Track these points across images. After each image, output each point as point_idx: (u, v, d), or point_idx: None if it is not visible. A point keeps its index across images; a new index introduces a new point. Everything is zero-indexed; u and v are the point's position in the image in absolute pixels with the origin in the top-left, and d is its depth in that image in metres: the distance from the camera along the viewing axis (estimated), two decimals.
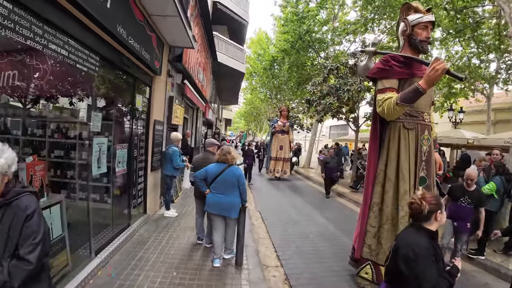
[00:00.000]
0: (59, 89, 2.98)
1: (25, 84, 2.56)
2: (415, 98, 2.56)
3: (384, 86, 2.88)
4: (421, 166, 2.96)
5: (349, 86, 8.52)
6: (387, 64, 2.91)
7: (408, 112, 2.93)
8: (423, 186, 2.92)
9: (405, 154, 2.93)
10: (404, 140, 2.95)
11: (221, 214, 3.18)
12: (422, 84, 2.46)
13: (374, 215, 3.07)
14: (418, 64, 2.93)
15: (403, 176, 2.90)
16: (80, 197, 3.33)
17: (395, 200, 2.94)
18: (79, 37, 2.74)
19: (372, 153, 3.24)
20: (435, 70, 2.35)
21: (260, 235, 4.83)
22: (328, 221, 5.86)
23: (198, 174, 3.24)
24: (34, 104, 2.89)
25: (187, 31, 4.60)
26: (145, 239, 4.14)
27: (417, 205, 1.68)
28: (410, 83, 2.80)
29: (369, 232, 3.09)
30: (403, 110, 2.68)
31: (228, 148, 3.22)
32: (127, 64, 3.68)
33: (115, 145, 3.75)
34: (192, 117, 9.88)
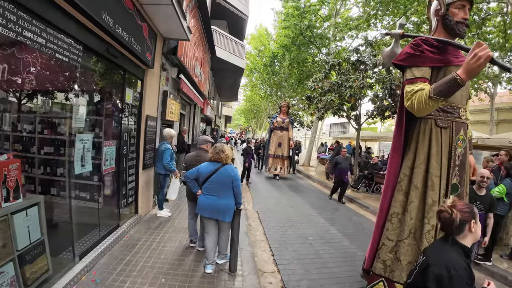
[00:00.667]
0: (36, 81, 2.73)
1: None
2: (452, 91, 2.13)
3: (414, 76, 2.42)
4: (454, 171, 2.52)
5: (351, 83, 8.25)
6: (418, 49, 2.45)
7: (442, 108, 2.50)
8: (455, 194, 2.51)
9: (436, 157, 2.49)
10: (436, 140, 2.50)
11: (214, 218, 2.93)
12: (461, 74, 2.04)
13: (393, 227, 2.63)
14: (455, 50, 2.50)
15: (432, 184, 2.46)
16: (63, 197, 3.09)
17: (420, 211, 2.50)
18: (58, 24, 2.50)
19: (395, 155, 2.76)
20: (477, 57, 1.92)
21: (257, 237, 4.60)
22: (329, 223, 5.64)
23: (189, 173, 3.00)
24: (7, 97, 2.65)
25: (181, 22, 4.34)
26: (134, 241, 3.92)
27: (447, 214, 1.45)
28: (445, 72, 2.38)
29: (385, 246, 2.65)
30: (437, 105, 2.24)
31: (222, 145, 2.97)
32: (114, 54, 3.43)
33: (102, 142, 3.51)
34: (189, 113, 9.63)
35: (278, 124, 11.20)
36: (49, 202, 2.91)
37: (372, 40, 9.53)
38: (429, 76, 2.44)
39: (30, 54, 2.31)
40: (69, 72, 2.84)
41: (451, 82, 2.08)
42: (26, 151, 2.80)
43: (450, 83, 2.08)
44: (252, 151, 9.71)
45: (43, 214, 2.62)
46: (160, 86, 5.20)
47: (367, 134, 17.16)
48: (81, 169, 3.16)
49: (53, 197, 3.02)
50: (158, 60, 4.92)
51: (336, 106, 9.24)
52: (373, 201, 7.58)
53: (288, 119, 11.35)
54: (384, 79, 8.19)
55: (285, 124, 11.20)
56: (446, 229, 1.51)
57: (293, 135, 11.66)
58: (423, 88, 2.29)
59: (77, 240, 3.23)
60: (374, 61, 8.59)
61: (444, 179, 2.48)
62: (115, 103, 3.77)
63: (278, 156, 10.93)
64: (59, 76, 2.81)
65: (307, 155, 16.17)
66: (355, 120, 9.75)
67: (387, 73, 8.37)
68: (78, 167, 3.09)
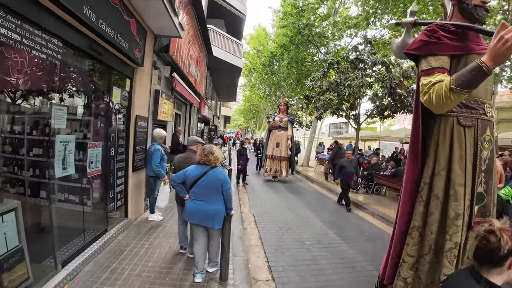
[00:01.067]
0: (13, 79, 2.55)
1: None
2: (476, 81, 1.79)
3: (431, 66, 2.07)
4: (480, 178, 2.14)
5: (350, 81, 8.07)
6: (433, 36, 2.11)
7: (464, 103, 2.14)
8: (480, 205, 2.16)
9: (459, 162, 2.11)
10: (459, 142, 2.13)
11: (202, 224, 2.74)
12: (486, 60, 1.70)
13: (413, 242, 2.30)
14: (476, 36, 2.18)
15: (455, 194, 2.09)
16: (45, 201, 2.91)
17: (442, 225, 2.17)
18: (34, 19, 2.33)
19: (412, 160, 2.36)
20: (505, 41, 1.60)
21: (252, 242, 4.42)
22: (327, 226, 5.46)
23: (175, 177, 2.81)
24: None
25: (171, 18, 4.16)
26: (122, 247, 3.74)
27: (494, 239, 1.13)
28: (466, 62, 2.04)
29: (406, 263, 2.32)
30: (460, 99, 1.88)
31: (211, 147, 2.78)
32: (98, 51, 3.25)
33: (86, 143, 3.33)
34: (185, 113, 9.45)
35: (275, 124, 10.68)
36: (31, 207, 2.73)
37: (372, 38, 9.36)
38: (448, 66, 2.10)
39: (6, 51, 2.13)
40: (48, 69, 2.66)
41: (475, 70, 1.76)
42: (3, 152, 2.63)
43: (474, 72, 1.76)
44: (246, 152, 9.37)
45: (21, 220, 2.46)
46: (151, 85, 5.02)
47: (366, 134, 17.01)
48: (62, 172, 2.98)
49: (34, 202, 2.84)
50: (148, 58, 4.74)
51: (335, 105, 9.07)
52: (373, 202, 7.40)
53: (287, 118, 10.79)
54: (384, 77, 8.01)
55: (283, 123, 10.61)
56: (483, 257, 1.18)
57: (292, 135, 11.05)
58: (442, 80, 1.95)
59: (61, 246, 3.06)
60: (374, 59, 8.43)
61: (469, 187, 2.12)
62: (101, 102, 3.58)
63: (276, 157, 10.42)
64: (37, 74, 2.63)
65: (306, 155, 15.99)
66: (354, 119, 9.57)
67: (387, 71, 8.20)
68: (59, 170, 2.91)
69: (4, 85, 2.28)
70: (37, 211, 2.85)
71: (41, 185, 2.78)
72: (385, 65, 8.26)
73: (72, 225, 3.39)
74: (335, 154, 10.42)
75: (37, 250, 2.74)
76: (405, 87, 7.88)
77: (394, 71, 8.14)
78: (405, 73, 7.82)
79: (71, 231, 3.33)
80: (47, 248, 2.86)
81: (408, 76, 7.84)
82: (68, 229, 3.31)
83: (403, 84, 7.80)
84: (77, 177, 3.28)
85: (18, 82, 2.44)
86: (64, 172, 3.01)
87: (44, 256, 2.83)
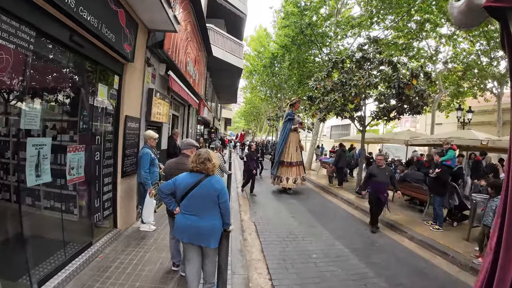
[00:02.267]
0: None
1: None
2: None
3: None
4: None
5: (356, 81, 7.67)
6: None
7: None
8: None
9: None
10: None
11: (196, 243, 2.33)
12: None
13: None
14: None
15: None
16: (19, 212, 2.52)
17: None
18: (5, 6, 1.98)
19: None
20: None
21: (253, 256, 4.01)
22: (333, 236, 5.04)
23: (163, 187, 2.39)
24: None
25: (164, 8, 3.79)
26: (109, 262, 3.34)
27: None
28: None
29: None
30: None
31: (207, 152, 2.36)
32: (80, 43, 2.87)
33: (65, 147, 2.94)
34: (183, 115, 9.07)
35: (303, 125, 9.58)
36: (2, 218, 2.35)
37: (377, 37, 8.99)
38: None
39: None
40: (18, 62, 2.28)
41: None
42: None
43: None
44: (255, 156, 8.46)
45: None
46: (144, 83, 4.64)
47: (369, 137, 16.55)
48: (36, 180, 2.59)
49: (5, 212, 2.45)
50: (141, 54, 4.36)
51: (339, 106, 8.66)
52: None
53: (299, 118, 9.73)
54: (391, 77, 7.62)
55: (298, 124, 9.40)
56: None
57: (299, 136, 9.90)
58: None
59: (37, 263, 2.67)
60: (380, 58, 8.04)
61: None
62: (83, 101, 3.20)
63: (293, 164, 8.82)
64: (4, 66, 2.25)
65: (309, 158, 15.56)
66: (359, 121, 9.16)
67: (394, 71, 7.80)
68: (31, 177, 2.53)
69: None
70: (10, 223, 2.46)
71: (14, 193, 2.39)
72: (391, 64, 7.88)
73: (51, 238, 3.00)
74: (339, 158, 10.01)
75: (9, 267, 2.37)
76: (414, 87, 7.48)
77: (404, 70, 7.74)
78: (414, 72, 7.43)
79: (50, 245, 2.94)
80: (20, 265, 2.48)
81: (417, 75, 7.45)
82: (46, 243, 2.92)
83: (412, 84, 7.40)
84: (56, 185, 2.90)
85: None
86: (38, 180, 2.63)
87: (17, 274, 2.46)
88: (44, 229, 2.93)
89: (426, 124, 20.70)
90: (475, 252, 4.30)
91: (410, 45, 13.06)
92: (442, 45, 13.81)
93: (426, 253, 4.58)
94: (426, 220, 6.00)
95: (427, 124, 19.14)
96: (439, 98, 15.79)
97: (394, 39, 13.20)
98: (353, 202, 7.65)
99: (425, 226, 5.66)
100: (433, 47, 14.24)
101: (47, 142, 2.69)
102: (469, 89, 15.59)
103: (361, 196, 8.25)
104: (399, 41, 13.15)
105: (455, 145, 6.34)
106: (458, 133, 10.13)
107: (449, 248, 4.57)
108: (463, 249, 4.52)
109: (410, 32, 12.44)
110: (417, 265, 4.10)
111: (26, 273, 2.50)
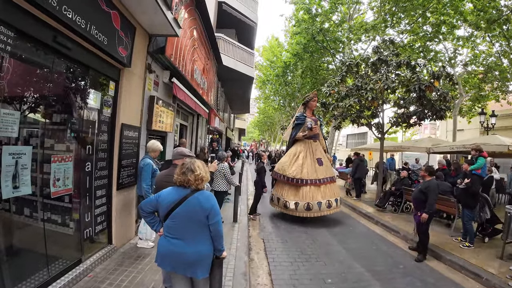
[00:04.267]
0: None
1: None
2: None
3: None
4: None
5: (373, 85, 7.17)
6: None
7: None
8: None
9: None
10: None
11: (180, 273, 1.93)
12: None
13: None
14: None
15: None
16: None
17: None
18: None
19: None
20: None
21: (259, 280, 3.54)
22: (352, 256, 4.48)
23: (144, 204, 2.02)
24: None
25: (162, 10, 3.57)
26: (97, 283, 3.01)
27: None
28: None
29: None
30: None
31: (193, 162, 1.99)
32: (65, 45, 2.66)
33: (49, 156, 2.69)
34: (192, 124, 8.87)
35: (316, 131, 6.64)
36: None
37: (393, 38, 8.50)
38: None
39: None
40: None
41: None
42: None
43: None
44: (264, 170, 6.68)
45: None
46: (144, 90, 4.42)
47: (387, 144, 15.69)
48: (12, 192, 2.33)
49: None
50: (140, 59, 4.16)
51: (355, 112, 8.15)
52: (403, 223, 6.30)
53: (319, 121, 7.12)
54: (410, 79, 7.07)
55: (317, 128, 6.73)
56: None
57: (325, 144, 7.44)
58: None
59: (15, 283, 2.37)
60: (398, 60, 7.52)
61: None
62: (71, 107, 2.97)
63: (320, 182, 6.23)
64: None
65: None
66: (377, 128, 8.56)
67: (413, 73, 7.25)
68: (7, 189, 2.28)
69: None
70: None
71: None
72: (410, 66, 7.34)
73: (34, 255, 2.71)
74: (357, 168, 9.39)
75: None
76: (436, 89, 6.88)
77: (425, 73, 7.18)
78: (436, 74, 6.85)
79: (32, 263, 2.65)
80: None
81: (439, 77, 6.86)
82: (27, 260, 2.64)
83: (434, 86, 6.81)
84: (39, 198, 2.64)
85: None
86: (16, 192, 2.37)
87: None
88: (26, 245, 2.66)
89: (447, 130, 19.61)
90: (511, 272, 3.78)
91: (427, 48, 12.50)
92: (460, 47, 13.13)
93: (456, 276, 3.98)
94: (455, 236, 5.32)
95: (448, 131, 18.08)
96: (460, 103, 14.94)
97: (410, 43, 12.68)
98: (372, 216, 7.00)
99: (454, 243, 4.99)
100: (451, 49, 13.56)
101: (26, 150, 2.44)
102: (491, 92, 14.67)
103: (381, 209, 7.61)
104: (415, 45, 12.62)
105: (486, 152, 5.66)
106: (482, 138, 9.38)
107: (481, 269, 3.98)
108: (497, 270, 3.95)
109: (426, 35, 11.95)
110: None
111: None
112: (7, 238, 2.36)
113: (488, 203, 5.31)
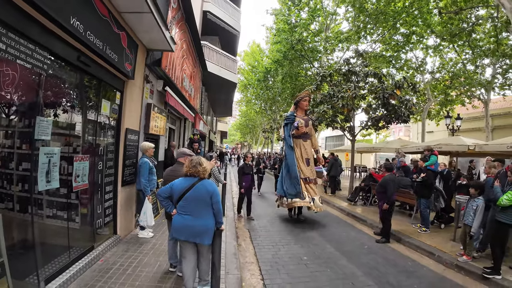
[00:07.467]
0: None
1: None
2: None
3: None
4: None
5: (343, 93, 8.12)
6: None
7: None
8: None
9: None
10: None
11: (191, 241, 2.59)
12: None
13: None
14: None
15: None
16: (29, 215, 2.76)
17: None
18: (19, 28, 2.29)
19: None
20: None
21: (247, 259, 4.21)
22: (325, 240, 5.27)
23: (161, 191, 2.68)
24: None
25: (162, 31, 4.17)
26: (109, 265, 3.53)
27: None
28: None
29: None
30: None
31: (199, 158, 2.69)
32: (86, 63, 3.20)
33: (72, 156, 3.21)
34: (179, 128, 9.37)
35: (301, 130, 6.63)
36: (13, 220, 2.58)
37: (364, 51, 9.53)
38: None
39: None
40: (33, 80, 2.59)
41: None
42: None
43: None
44: (251, 170, 6.96)
45: (2, 234, 2.29)
46: (143, 99, 4.96)
47: (362, 146, 17.03)
48: (46, 185, 2.84)
49: (17, 216, 2.68)
50: (140, 71, 4.71)
51: (329, 117, 9.07)
52: (371, 214, 7.23)
53: (310, 120, 7.17)
54: (376, 88, 8.08)
55: (309, 128, 6.84)
56: None
57: (317, 144, 7.50)
58: None
59: (44, 263, 2.88)
60: (366, 71, 8.54)
61: None
62: (88, 115, 3.50)
63: (310, 180, 6.65)
64: (21, 84, 2.55)
65: None
66: (349, 131, 9.56)
67: (379, 82, 8.29)
68: (42, 183, 2.78)
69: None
70: (20, 225, 2.69)
71: (24, 198, 2.64)
72: (377, 77, 8.36)
73: (57, 241, 3.21)
74: (331, 166, 10.34)
75: (20, 266, 2.58)
76: (398, 97, 7.93)
77: (386, 82, 8.22)
78: (397, 84, 7.90)
79: (56, 248, 3.15)
80: (29, 264, 2.69)
81: (400, 86, 7.91)
82: (52, 245, 3.13)
83: (396, 94, 7.85)
84: (63, 191, 3.14)
85: (3, 94, 2.36)
86: (48, 185, 2.88)
87: (27, 272, 2.66)
88: (50, 233, 3.14)
89: (418, 132, 21.19)
90: (460, 250, 4.53)
91: (397, 57, 13.67)
92: (429, 55, 14.48)
93: (414, 254, 4.81)
94: (415, 223, 6.26)
95: (419, 133, 19.67)
96: (428, 107, 16.33)
97: (382, 52, 13.85)
98: (344, 209, 7.90)
99: (413, 229, 5.92)
100: (420, 58, 14.88)
101: (57, 151, 2.96)
102: (457, 97, 16.19)
103: (352, 203, 8.53)
104: (387, 54, 13.78)
105: (437, 151, 6.75)
106: (447, 139, 10.54)
107: (435, 248, 4.81)
108: (449, 249, 4.76)
109: (397, 44, 13.05)
110: (404, 265, 4.31)
111: (35, 272, 2.70)
112: (40, 227, 2.82)
113: (442, 194, 6.31)
